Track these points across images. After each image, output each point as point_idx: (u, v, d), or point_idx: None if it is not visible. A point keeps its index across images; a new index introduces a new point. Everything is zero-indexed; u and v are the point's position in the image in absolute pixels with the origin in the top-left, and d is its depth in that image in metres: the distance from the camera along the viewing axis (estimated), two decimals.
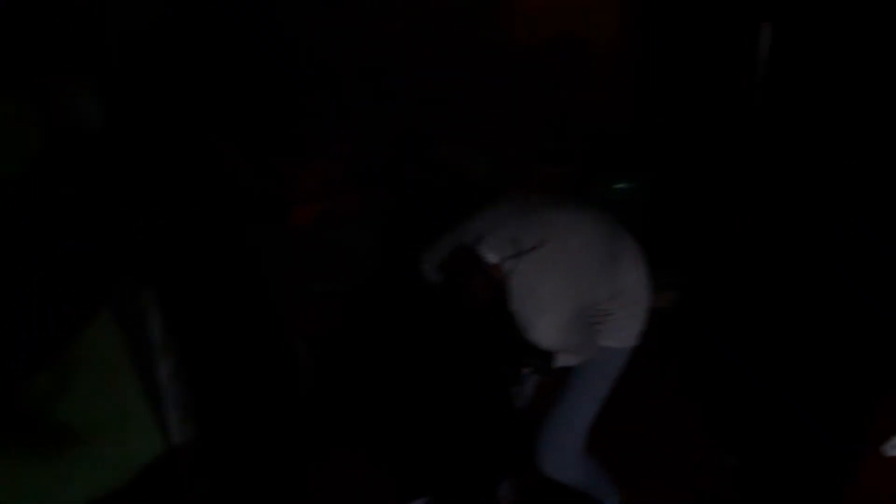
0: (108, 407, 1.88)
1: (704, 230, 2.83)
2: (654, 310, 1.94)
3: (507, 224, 1.72)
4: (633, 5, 2.97)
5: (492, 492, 2.23)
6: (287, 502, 2.33)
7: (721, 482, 2.34)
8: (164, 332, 2.04)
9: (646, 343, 1.97)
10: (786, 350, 2.40)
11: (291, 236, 2.66)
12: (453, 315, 1.79)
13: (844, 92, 2.31)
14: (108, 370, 1.90)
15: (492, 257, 1.66)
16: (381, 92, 2.75)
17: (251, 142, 2.57)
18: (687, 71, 2.84)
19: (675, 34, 2.89)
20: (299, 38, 2.64)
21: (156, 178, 2.20)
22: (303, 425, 2.58)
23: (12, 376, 1.71)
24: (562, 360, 1.80)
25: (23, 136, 1.77)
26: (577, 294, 1.69)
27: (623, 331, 1.86)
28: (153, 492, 2.05)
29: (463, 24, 2.79)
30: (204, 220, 2.38)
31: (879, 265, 2.12)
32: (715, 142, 2.81)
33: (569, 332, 1.70)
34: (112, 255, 1.98)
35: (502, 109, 2.87)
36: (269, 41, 2.55)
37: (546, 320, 1.65)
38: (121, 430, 1.90)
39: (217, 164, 2.48)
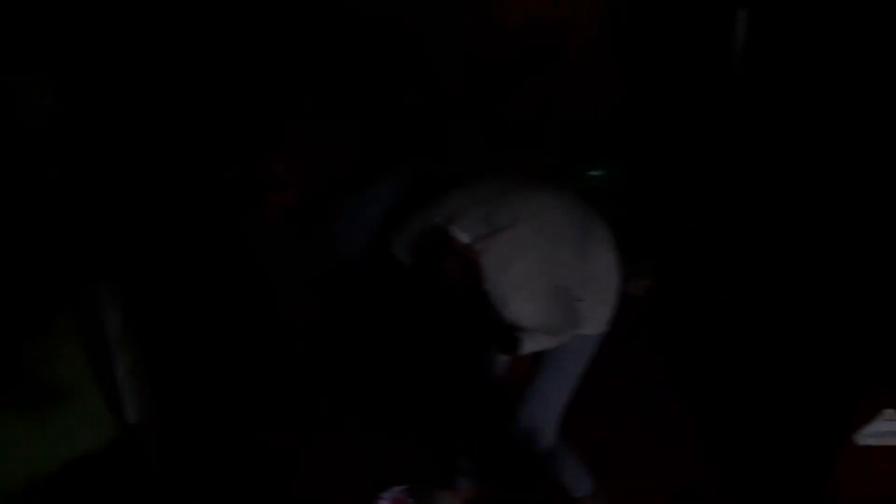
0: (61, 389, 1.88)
1: (679, 217, 2.82)
2: (627, 297, 1.92)
3: (478, 203, 1.70)
4: None
5: (468, 473, 2.20)
6: (271, 489, 2.33)
7: (703, 474, 2.31)
8: (122, 327, 2.03)
9: (620, 331, 1.96)
10: (766, 342, 2.39)
11: (270, 225, 2.65)
12: (426, 296, 1.77)
13: (823, 77, 2.30)
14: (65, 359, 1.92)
15: (464, 237, 1.64)
16: (359, 78, 2.74)
17: (230, 130, 2.57)
18: (666, 57, 2.83)
19: (654, 20, 2.89)
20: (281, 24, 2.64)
21: (138, 168, 2.21)
22: (287, 412, 2.58)
23: None
24: (536, 343, 1.76)
25: None
26: (550, 272, 1.67)
27: (594, 317, 1.83)
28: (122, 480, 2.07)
29: (439, 8, 2.78)
30: (187, 209, 2.39)
31: (861, 257, 2.11)
32: (693, 128, 2.80)
33: (546, 311, 1.67)
34: (88, 243, 1.99)
35: (478, 95, 2.86)
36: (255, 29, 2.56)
37: (521, 298, 1.63)
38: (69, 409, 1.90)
39: (202, 152, 2.49)
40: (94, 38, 2.10)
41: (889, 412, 1.80)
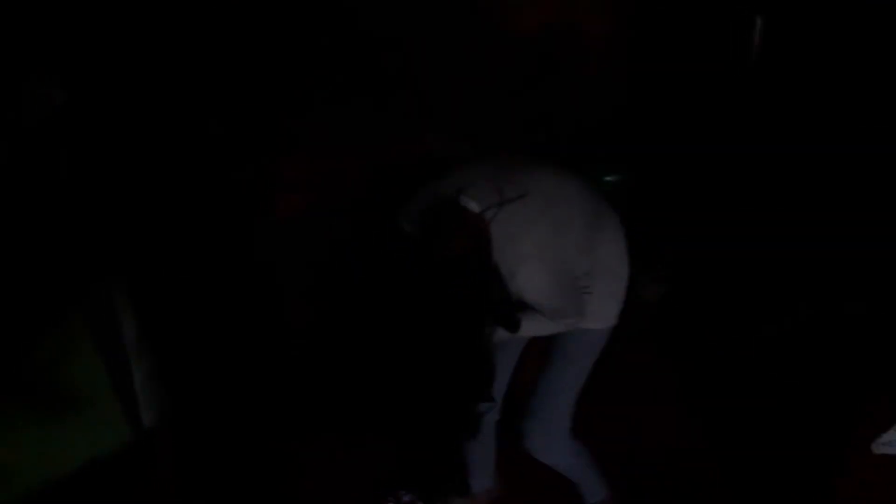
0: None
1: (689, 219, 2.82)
2: (640, 303, 1.92)
3: (490, 175, 1.68)
4: None
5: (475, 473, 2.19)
6: (272, 490, 2.31)
7: (706, 474, 2.33)
8: (138, 333, 2.01)
9: (633, 337, 1.95)
10: (769, 343, 2.40)
11: (280, 226, 2.62)
12: (432, 270, 1.73)
13: (836, 83, 2.31)
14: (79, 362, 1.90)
15: (473, 206, 1.61)
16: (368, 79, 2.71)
17: (241, 130, 2.53)
18: (680, 62, 2.83)
19: (669, 24, 2.88)
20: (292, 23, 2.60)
21: (148, 168, 2.18)
22: (290, 413, 2.55)
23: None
24: (537, 325, 1.73)
25: None
26: (559, 249, 1.65)
27: (602, 311, 1.81)
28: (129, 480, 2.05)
29: (451, 11, 2.75)
30: (197, 210, 2.36)
31: (868, 258, 2.14)
32: (705, 130, 2.81)
33: (551, 287, 1.64)
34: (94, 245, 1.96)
35: (489, 98, 2.84)
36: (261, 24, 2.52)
37: (529, 270, 1.60)
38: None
39: (208, 152, 2.45)
40: (103, 36, 2.06)
41: None
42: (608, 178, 2.88)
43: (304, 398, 2.60)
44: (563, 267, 1.66)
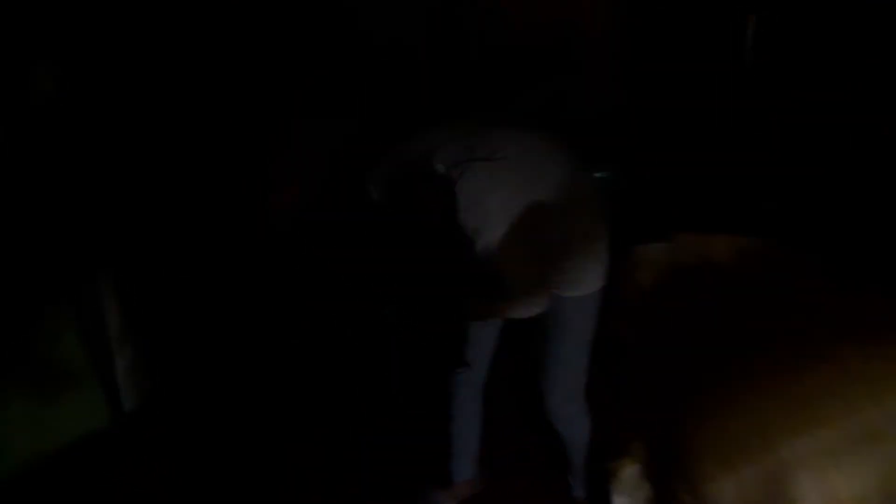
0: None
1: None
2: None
3: (461, 136, 1.67)
4: None
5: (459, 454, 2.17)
6: (269, 489, 2.32)
7: None
8: (122, 323, 2.04)
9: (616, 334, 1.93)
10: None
11: (273, 223, 2.64)
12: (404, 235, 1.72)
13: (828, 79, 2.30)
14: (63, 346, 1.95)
15: (440, 167, 1.61)
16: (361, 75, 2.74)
17: (236, 127, 2.57)
18: (675, 59, 2.83)
19: (664, 22, 2.88)
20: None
21: (140, 162, 2.22)
22: (282, 411, 2.56)
23: None
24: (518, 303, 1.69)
25: None
26: (527, 210, 1.62)
27: (586, 276, 1.78)
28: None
29: (450, 12, 2.78)
30: (190, 205, 2.40)
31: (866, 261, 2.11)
32: (699, 130, 2.79)
33: (518, 248, 1.61)
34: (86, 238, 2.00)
35: (487, 97, 2.86)
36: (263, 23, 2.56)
37: (495, 229, 1.58)
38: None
39: (206, 149, 2.49)
40: (102, 30, 2.10)
41: None
42: (598, 175, 2.87)
43: (298, 395, 2.62)
44: (530, 230, 1.63)
